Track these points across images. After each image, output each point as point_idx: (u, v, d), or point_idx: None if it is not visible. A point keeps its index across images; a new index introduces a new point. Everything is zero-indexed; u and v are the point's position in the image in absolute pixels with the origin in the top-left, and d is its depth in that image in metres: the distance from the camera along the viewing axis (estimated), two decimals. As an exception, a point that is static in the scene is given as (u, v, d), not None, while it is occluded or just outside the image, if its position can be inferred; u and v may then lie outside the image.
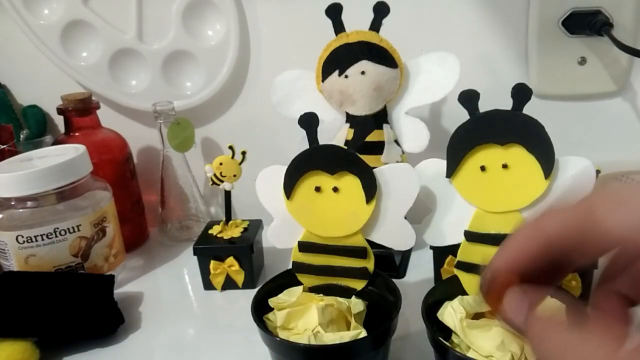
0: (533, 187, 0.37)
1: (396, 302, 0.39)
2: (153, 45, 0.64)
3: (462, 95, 0.38)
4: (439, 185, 0.40)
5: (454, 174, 0.40)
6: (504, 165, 0.38)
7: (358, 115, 0.52)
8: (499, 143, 0.38)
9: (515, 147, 0.37)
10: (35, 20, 0.62)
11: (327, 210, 0.41)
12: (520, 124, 0.37)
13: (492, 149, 0.38)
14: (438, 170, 0.40)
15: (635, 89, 0.62)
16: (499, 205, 0.39)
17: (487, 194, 0.39)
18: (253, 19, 0.64)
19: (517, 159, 0.37)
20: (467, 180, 0.39)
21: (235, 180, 0.54)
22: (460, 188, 0.40)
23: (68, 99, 0.60)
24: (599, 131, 0.63)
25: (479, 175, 0.39)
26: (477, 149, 0.38)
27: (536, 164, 0.37)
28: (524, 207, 0.38)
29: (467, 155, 0.39)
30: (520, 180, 0.38)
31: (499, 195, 0.38)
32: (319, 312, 0.38)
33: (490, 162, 0.38)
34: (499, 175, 0.38)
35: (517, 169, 0.38)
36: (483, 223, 0.39)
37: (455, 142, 0.39)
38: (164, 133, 0.62)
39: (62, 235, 0.50)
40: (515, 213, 0.38)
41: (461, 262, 0.40)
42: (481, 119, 0.38)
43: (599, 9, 0.57)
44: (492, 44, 0.61)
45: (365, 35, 0.50)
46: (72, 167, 0.51)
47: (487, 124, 0.37)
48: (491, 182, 0.38)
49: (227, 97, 0.67)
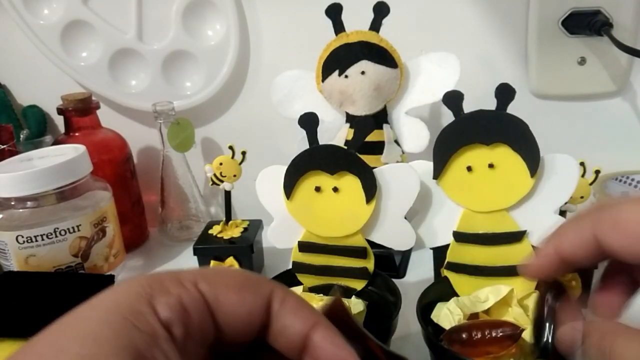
0: (519, 185, 0.38)
1: (396, 302, 0.39)
2: (153, 45, 0.64)
3: (446, 97, 0.39)
4: (427, 186, 0.41)
5: (440, 175, 0.40)
6: (490, 165, 0.38)
7: (358, 115, 0.52)
8: (485, 143, 0.38)
9: (501, 147, 0.37)
10: (35, 20, 0.62)
11: (327, 210, 0.41)
12: (505, 123, 0.37)
13: (478, 149, 0.38)
14: (426, 172, 0.40)
15: (635, 89, 0.61)
16: (486, 205, 0.39)
17: (474, 194, 0.39)
18: (253, 19, 0.64)
19: (503, 159, 0.38)
20: (454, 181, 0.39)
21: (235, 180, 0.54)
22: (447, 189, 0.40)
23: (68, 99, 0.60)
24: (598, 131, 0.63)
25: (466, 175, 0.39)
26: (463, 150, 0.38)
27: (522, 162, 0.37)
28: (510, 205, 0.38)
29: (453, 156, 0.39)
30: (507, 180, 0.38)
31: (486, 195, 0.38)
32: (319, 312, 0.38)
33: (477, 162, 0.38)
34: (485, 175, 0.38)
35: (503, 168, 0.38)
36: (471, 223, 0.39)
37: (441, 143, 0.39)
38: (164, 133, 0.62)
39: (62, 235, 0.50)
40: (503, 212, 0.38)
41: (451, 262, 0.40)
42: (466, 120, 0.38)
43: (598, 9, 0.57)
44: (492, 44, 0.61)
45: (365, 35, 0.50)
46: (72, 167, 0.51)
47: (472, 124, 0.38)
48: (478, 182, 0.39)
49: (227, 97, 0.67)
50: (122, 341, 0.16)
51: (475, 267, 0.39)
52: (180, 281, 0.18)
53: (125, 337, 0.16)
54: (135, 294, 0.18)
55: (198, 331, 0.18)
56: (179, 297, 0.18)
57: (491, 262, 0.39)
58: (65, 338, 0.16)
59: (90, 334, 0.16)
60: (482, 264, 0.39)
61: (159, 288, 0.18)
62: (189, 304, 0.18)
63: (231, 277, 0.20)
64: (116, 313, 0.17)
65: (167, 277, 0.19)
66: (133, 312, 0.17)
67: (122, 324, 0.17)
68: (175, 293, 0.18)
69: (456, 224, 0.40)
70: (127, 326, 0.16)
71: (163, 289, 0.18)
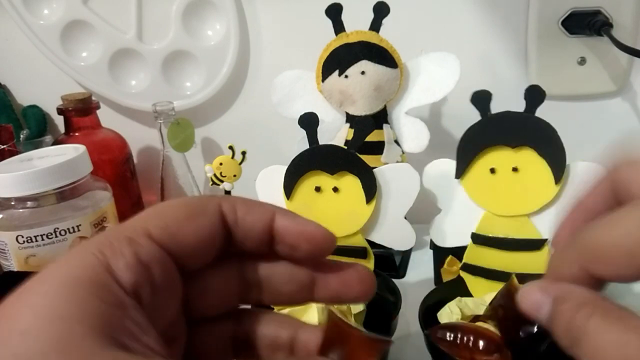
0: (543, 191, 0.37)
1: (396, 302, 0.39)
2: (153, 45, 0.64)
3: (474, 96, 0.38)
4: (447, 186, 0.40)
5: (463, 175, 0.39)
6: (514, 169, 0.37)
7: (358, 115, 0.52)
8: (510, 145, 0.37)
9: (526, 150, 0.37)
10: (35, 20, 0.62)
11: (327, 210, 0.41)
12: (532, 126, 0.36)
13: (502, 151, 0.37)
14: (447, 171, 0.40)
15: (635, 89, 0.61)
16: (508, 209, 0.38)
17: (496, 196, 0.38)
18: (253, 19, 0.64)
19: (528, 163, 0.37)
20: (476, 182, 0.39)
21: (235, 180, 0.54)
22: (469, 189, 0.39)
23: (68, 99, 0.60)
24: (598, 131, 0.63)
25: (489, 177, 0.38)
26: (487, 151, 0.38)
27: (547, 168, 0.36)
28: (533, 211, 0.37)
29: (477, 157, 0.38)
30: (530, 185, 0.37)
31: (508, 199, 0.38)
32: (319, 312, 0.38)
33: (500, 165, 0.38)
34: (508, 178, 0.37)
35: (528, 172, 0.37)
36: (491, 226, 0.39)
37: (465, 142, 0.38)
38: (164, 133, 0.62)
39: (62, 236, 0.50)
40: (524, 217, 0.38)
41: (467, 264, 0.40)
42: (492, 121, 0.37)
43: (598, 9, 0.57)
44: (492, 44, 0.61)
45: (365, 35, 0.50)
46: (72, 167, 0.51)
47: (498, 125, 0.37)
48: (500, 185, 0.38)
49: (227, 97, 0.67)
50: (94, 320, 0.15)
51: (491, 270, 0.39)
52: (131, 238, 0.17)
53: (96, 315, 0.15)
54: (90, 264, 0.16)
55: (164, 281, 0.18)
56: (135, 255, 0.17)
57: (508, 268, 0.38)
58: (25, 318, 0.15)
59: (56, 313, 0.15)
60: (499, 269, 0.38)
61: (111, 252, 0.17)
62: (147, 258, 0.17)
63: (177, 208, 0.19)
64: (79, 287, 0.15)
65: (116, 237, 0.17)
66: (96, 286, 0.16)
67: (89, 300, 0.15)
68: (130, 252, 0.17)
69: (475, 225, 0.39)
70: (95, 302, 0.15)
71: (116, 252, 0.17)
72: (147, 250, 0.17)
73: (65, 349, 0.14)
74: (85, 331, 0.14)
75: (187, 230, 0.18)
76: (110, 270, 0.16)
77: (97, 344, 0.14)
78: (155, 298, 0.17)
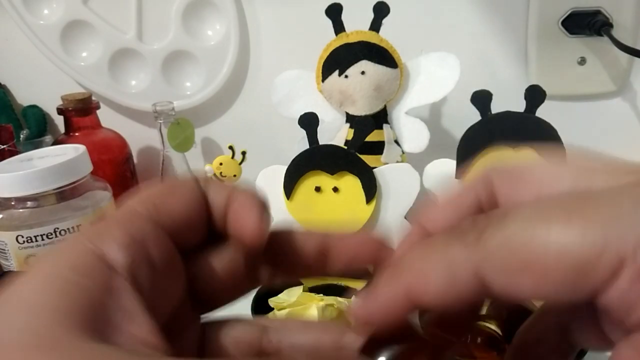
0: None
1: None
2: (153, 45, 0.64)
3: (474, 96, 0.38)
4: (448, 187, 0.40)
5: (463, 175, 0.39)
6: None
7: (358, 115, 0.52)
8: (511, 146, 0.37)
9: (528, 150, 0.37)
10: (35, 20, 0.62)
11: (327, 211, 0.41)
12: (533, 126, 0.36)
13: (503, 151, 0.37)
14: (447, 171, 0.40)
15: (635, 89, 0.62)
16: None
17: None
18: (253, 19, 0.64)
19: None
20: None
21: (235, 180, 0.54)
22: None
23: (68, 99, 0.60)
24: (598, 131, 0.63)
25: None
26: (487, 151, 0.38)
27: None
28: None
29: (477, 157, 0.38)
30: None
31: None
32: (319, 312, 0.38)
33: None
34: None
35: None
36: None
37: (465, 142, 0.38)
38: (164, 133, 0.62)
39: (62, 235, 0.50)
40: None
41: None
42: (492, 121, 0.37)
43: (598, 9, 0.57)
44: (492, 44, 0.61)
45: (365, 35, 0.50)
46: (72, 167, 0.51)
47: (499, 125, 0.37)
48: None
49: (227, 97, 0.67)
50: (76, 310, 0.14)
51: None
52: (120, 219, 0.17)
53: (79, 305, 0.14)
54: (79, 252, 0.16)
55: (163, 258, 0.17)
56: (127, 234, 0.16)
57: None
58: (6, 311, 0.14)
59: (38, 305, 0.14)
60: None
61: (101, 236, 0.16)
62: (140, 235, 0.17)
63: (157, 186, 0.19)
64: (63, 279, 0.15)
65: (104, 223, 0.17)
66: (82, 274, 0.15)
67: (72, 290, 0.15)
68: (122, 232, 0.16)
69: None
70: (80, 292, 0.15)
71: (106, 235, 0.16)
72: (139, 226, 0.17)
73: (42, 342, 0.13)
74: (66, 323, 0.14)
75: (172, 200, 0.18)
76: (101, 255, 0.16)
77: (78, 337, 0.14)
78: (155, 278, 0.16)
